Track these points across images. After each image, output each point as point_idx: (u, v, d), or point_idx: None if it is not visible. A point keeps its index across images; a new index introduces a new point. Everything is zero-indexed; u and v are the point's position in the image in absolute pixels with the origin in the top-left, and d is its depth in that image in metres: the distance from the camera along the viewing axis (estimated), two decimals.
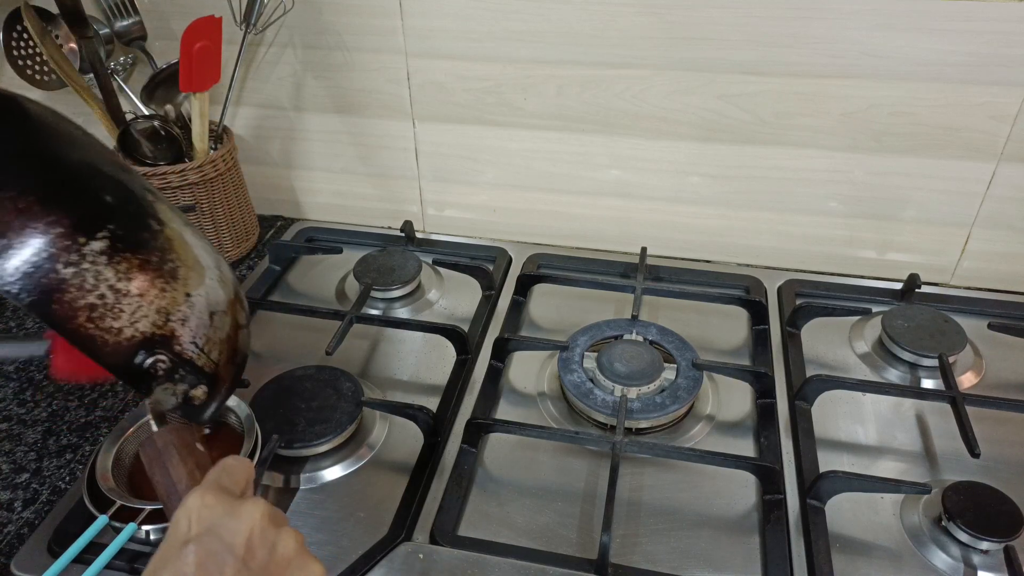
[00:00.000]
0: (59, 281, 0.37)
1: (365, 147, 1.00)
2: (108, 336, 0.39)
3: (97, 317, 0.39)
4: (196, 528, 0.37)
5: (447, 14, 0.86)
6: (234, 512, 0.38)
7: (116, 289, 0.40)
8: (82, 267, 0.38)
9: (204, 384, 0.45)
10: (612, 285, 0.90)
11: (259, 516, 0.38)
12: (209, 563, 0.36)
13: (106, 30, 0.94)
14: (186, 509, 0.38)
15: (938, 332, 0.82)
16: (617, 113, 0.89)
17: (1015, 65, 0.77)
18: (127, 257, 0.40)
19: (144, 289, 0.41)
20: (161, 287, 0.42)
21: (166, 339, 0.42)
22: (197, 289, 0.44)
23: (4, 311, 0.91)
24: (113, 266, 0.39)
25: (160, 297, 0.42)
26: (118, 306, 0.40)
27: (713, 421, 0.75)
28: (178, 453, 0.43)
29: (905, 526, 0.64)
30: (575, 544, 0.63)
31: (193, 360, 0.44)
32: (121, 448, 0.65)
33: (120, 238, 0.40)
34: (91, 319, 0.39)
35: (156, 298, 0.41)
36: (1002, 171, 0.84)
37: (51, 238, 0.38)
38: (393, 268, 0.92)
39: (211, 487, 0.40)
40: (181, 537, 0.37)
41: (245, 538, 0.37)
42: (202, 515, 0.38)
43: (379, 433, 0.73)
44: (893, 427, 0.74)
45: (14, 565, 0.60)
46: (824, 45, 0.80)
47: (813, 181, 0.89)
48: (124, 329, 0.40)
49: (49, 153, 0.41)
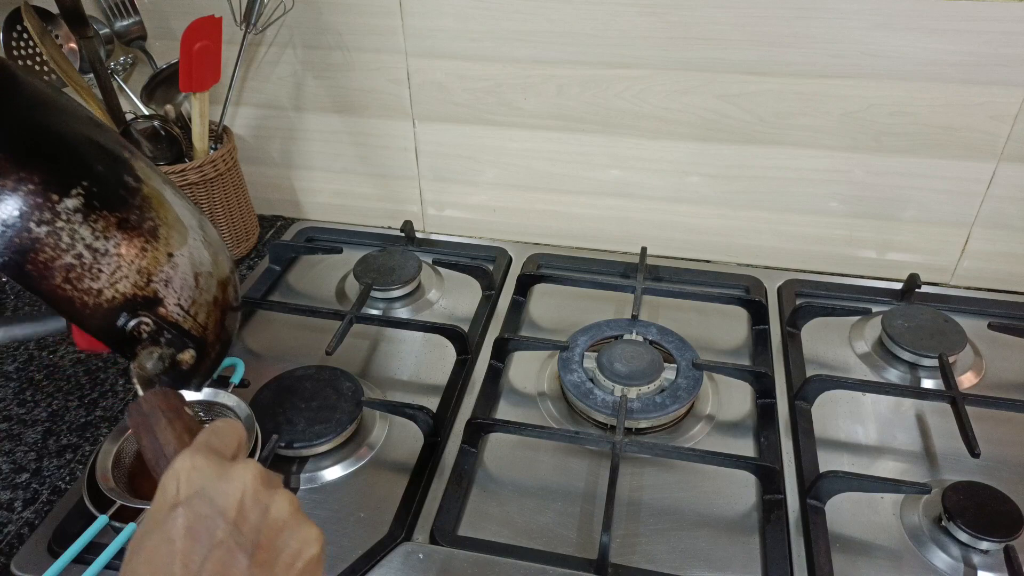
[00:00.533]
0: (32, 240, 0.36)
1: (365, 147, 1.00)
2: (87, 298, 0.38)
3: (75, 278, 0.38)
4: (185, 491, 0.35)
5: (447, 14, 0.86)
6: (225, 474, 0.36)
7: (93, 248, 0.38)
8: (56, 225, 0.37)
9: (192, 348, 0.43)
10: (612, 285, 0.90)
11: (251, 478, 0.37)
12: (198, 527, 0.34)
13: (106, 30, 0.94)
14: (174, 471, 0.36)
15: (938, 332, 0.82)
16: (617, 113, 0.89)
17: (1015, 65, 0.77)
18: (104, 215, 0.39)
19: (123, 248, 0.40)
20: (141, 246, 0.40)
21: (149, 300, 0.40)
22: (180, 249, 0.42)
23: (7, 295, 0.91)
24: (89, 224, 0.38)
25: (140, 257, 0.40)
26: (96, 266, 0.39)
27: (713, 421, 0.75)
28: (165, 416, 0.41)
29: (905, 526, 0.64)
30: (575, 544, 0.63)
31: (179, 323, 0.42)
32: (121, 448, 0.65)
33: (95, 195, 0.39)
34: (68, 280, 0.37)
35: (136, 258, 0.40)
36: (1002, 171, 0.84)
37: (22, 195, 0.36)
38: (393, 268, 0.92)
39: (201, 449, 0.38)
40: (169, 500, 0.35)
41: (236, 500, 0.35)
42: (191, 477, 0.36)
43: (379, 433, 0.73)
44: (893, 427, 0.74)
45: (14, 565, 0.60)
46: (824, 45, 0.80)
47: (813, 181, 0.89)
48: (104, 290, 0.39)
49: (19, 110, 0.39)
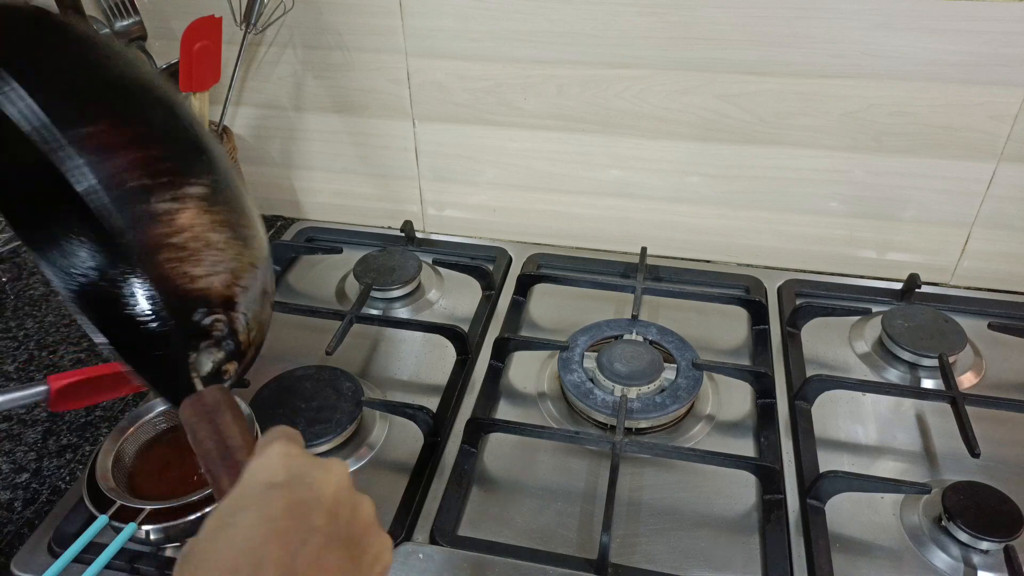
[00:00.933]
0: (154, 213, 0.37)
1: (365, 147, 1.00)
2: (182, 280, 0.39)
3: (177, 259, 0.38)
4: (283, 475, 0.36)
5: (447, 14, 0.86)
6: (324, 465, 0.37)
7: (202, 238, 0.39)
8: (177, 206, 0.38)
9: (236, 361, 0.43)
10: (612, 285, 0.90)
11: (345, 475, 0.38)
12: (297, 510, 0.34)
13: (106, 30, 0.94)
14: (269, 457, 0.37)
15: (938, 332, 0.82)
16: (617, 113, 0.89)
17: (1015, 65, 0.77)
18: (219, 211, 0.40)
19: (226, 246, 0.40)
20: (238, 250, 0.41)
21: (228, 302, 0.41)
22: (260, 263, 0.43)
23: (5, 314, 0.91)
24: (207, 214, 0.39)
25: (235, 259, 0.41)
26: (199, 255, 0.39)
27: (713, 421, 0.75)
28: (230, 411, 0.41)
29: (905, 526, 0.64)
30: (575, 544, 0.63)
31: (239, 332, 0.42)
32: (121, 448, 0.65)
33: (216, 190, 0.40)
34: (172, 259, 0.38)
35: (232, 259, 0.41)
36: (1002, 171, 0.84)
37: (157, 169, 0.38)
38: (393, 268, 0.92)
39: (294, 439, 0.39)
40: (267, 480, 0.35)
41: (334, 491, 0.36)
42: (288, 464, 0.36)
43: (379, 433, 0.73)
44: (893, 427, 0.74)
45: (14, 565, 0.60)
46: (824, 45, 0.80)
47: (813, 181, 0.89)
48: (199, 279, 0.39)
49: (166, 95, 0.41)
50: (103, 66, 0.39)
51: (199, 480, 0.63)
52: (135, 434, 0.67)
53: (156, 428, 0.68)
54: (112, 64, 0.39)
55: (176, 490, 0.62)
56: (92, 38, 0.40)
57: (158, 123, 0.40)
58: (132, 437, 0.66)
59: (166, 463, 0.66)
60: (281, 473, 0.36)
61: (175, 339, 0.41)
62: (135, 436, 0.67)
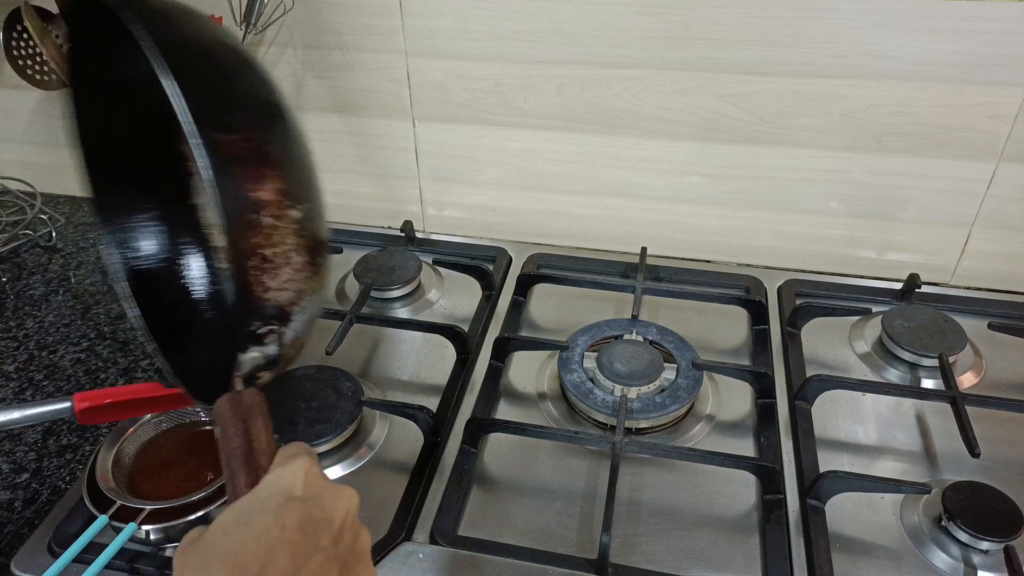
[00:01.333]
0: (258, 224, 0.41)
1: (365, 147, 1.00)
2: (258, 288, 0.42)
3: (261, 269, 0.42)
4: (301, 490, 0.38)
5: (447, 14, 0.86)
6: (338, 491, 0.40)
7: (286, 256, 0.43)
8: (278, 224, 0.42)
9: (271, 371, 0.46)
10: (612, 285, 0.90)
11: (355, 504, 0.40)
12: (308, 527, 0.36)
13: None
14: (291, 470, 0.39)
15: (938, 332, 0.82)
16: (617, 113, 0.89)
17: (1015, 65, 0.77)
18: (306, 237, 0.44)
19: (302, 268, 0.44)
20: (309, 275, 0.44)
21: (285, 317, 0.44)
22: (320, 292, 0.47)
23: (4, 310, 0.91)
24: (297, 236, 0.43)
25: (304, 282, 0.44)
26: (279, 270, 0.43)
27: (713, 421, 0.75)
28: (262, 416, 0.44)
29: (905, 526, 0.64)
30: (575, 544, 0.63)
31: (284, 346, 0.45)
32: (121, 448, 0.65)
33: (309, 218, 0.44)
34: (257, 267, 0.42)
35: (302, 281, 0.44)
36: (1002, 171, 0.84)
37: (271, 188, 0.41)
38: (393, 268, 0.92)
39: (315, 459, 0.41)
40: (286, 491, 0.38)
41: (343, 516, 0.38)
42: (309, 481, 0.39)
43: (379, 433, 0.73)
44: (893, 427, 0.74)
45: (14, 565, 0.60)
46: (824, 45, 0.80)
47: (813, 181, 0.89)
48: (271, 291, 0.43)
49: (295, 125, 0.45)
50: (257, 85, 0.44)
51: (199, 480, 0.63)
52: (135, 434, 0.67)
53: (156, 428, 0.68)
54: (263, 87, 0.44)
55: (176, 490, 0.62)
56: (255, 61, 0.45)
57: (286, 148, 0.44)
58: (132, 437, 0.67)
59: (166, 463, 0.66)
60: (300, 488, 0.38)
61: (229, 336, 0.43)
62: (135, 436, 0.67)
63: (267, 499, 0.38)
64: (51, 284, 0.96)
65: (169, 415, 0.68)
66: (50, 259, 1.01)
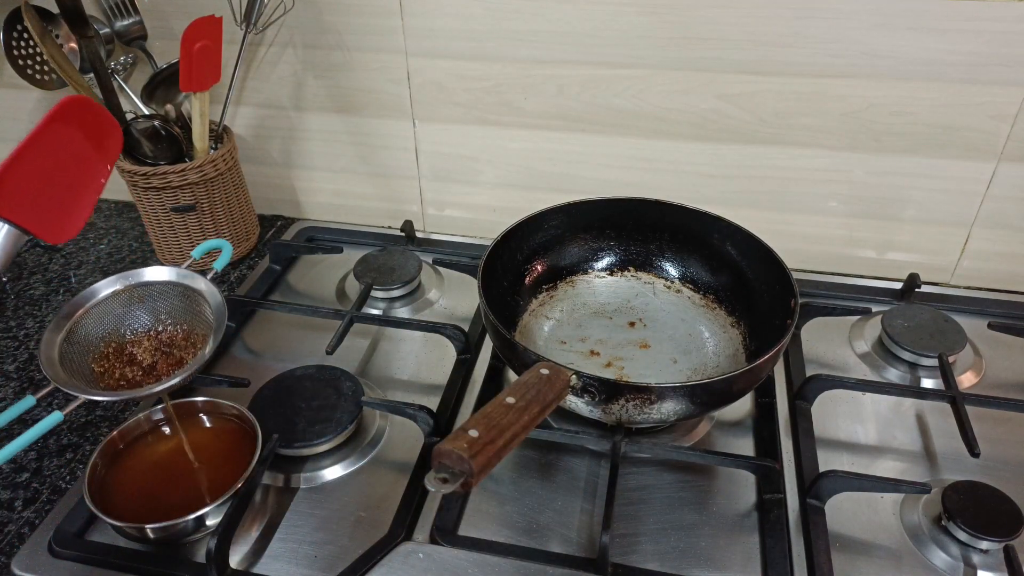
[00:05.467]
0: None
1: (365, 147, 1.00)
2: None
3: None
4: None
5: (447, 14, 0.86)
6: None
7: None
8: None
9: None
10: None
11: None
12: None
13: (106, 30, 0.94)
14: None
15: (938, 332, 0.82)
16: (617, 113, 0.89)
17: (1015, 65, 0.77)
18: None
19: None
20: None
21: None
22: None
23: (4, 309, 0.91)
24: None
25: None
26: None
27: (713, 421, 0.75)
28: None
29: (905, 526, 0.64)
30: (575, 544, 0.63)
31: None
32: (72, 330, 0.66)
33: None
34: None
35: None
36: (1002, 171, 0.84)
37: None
38: (393, 268, 0.93)
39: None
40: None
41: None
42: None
43: (379, 433, 0.73)
44: (893, 427, 0.74)
45: (14, 565, 0.61)
46: (824, 45, 0.80)
47: (813, 181, 0.89)
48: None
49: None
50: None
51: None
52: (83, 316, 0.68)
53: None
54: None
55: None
56: None
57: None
58: (81, 321, 0.68)
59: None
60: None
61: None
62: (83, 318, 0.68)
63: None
64: (51, 284, 0.96)
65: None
66: (50, 259, 1.01)
